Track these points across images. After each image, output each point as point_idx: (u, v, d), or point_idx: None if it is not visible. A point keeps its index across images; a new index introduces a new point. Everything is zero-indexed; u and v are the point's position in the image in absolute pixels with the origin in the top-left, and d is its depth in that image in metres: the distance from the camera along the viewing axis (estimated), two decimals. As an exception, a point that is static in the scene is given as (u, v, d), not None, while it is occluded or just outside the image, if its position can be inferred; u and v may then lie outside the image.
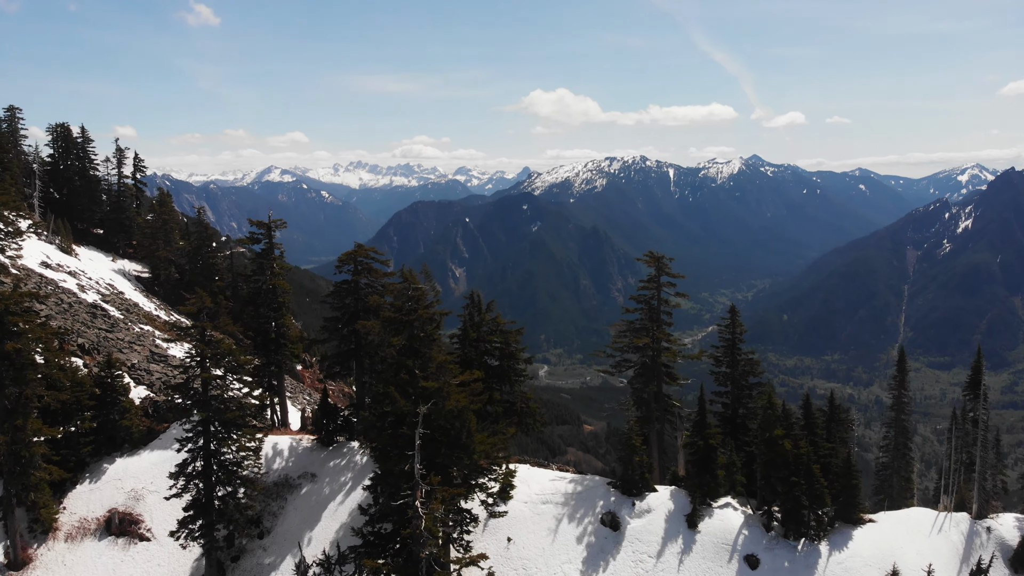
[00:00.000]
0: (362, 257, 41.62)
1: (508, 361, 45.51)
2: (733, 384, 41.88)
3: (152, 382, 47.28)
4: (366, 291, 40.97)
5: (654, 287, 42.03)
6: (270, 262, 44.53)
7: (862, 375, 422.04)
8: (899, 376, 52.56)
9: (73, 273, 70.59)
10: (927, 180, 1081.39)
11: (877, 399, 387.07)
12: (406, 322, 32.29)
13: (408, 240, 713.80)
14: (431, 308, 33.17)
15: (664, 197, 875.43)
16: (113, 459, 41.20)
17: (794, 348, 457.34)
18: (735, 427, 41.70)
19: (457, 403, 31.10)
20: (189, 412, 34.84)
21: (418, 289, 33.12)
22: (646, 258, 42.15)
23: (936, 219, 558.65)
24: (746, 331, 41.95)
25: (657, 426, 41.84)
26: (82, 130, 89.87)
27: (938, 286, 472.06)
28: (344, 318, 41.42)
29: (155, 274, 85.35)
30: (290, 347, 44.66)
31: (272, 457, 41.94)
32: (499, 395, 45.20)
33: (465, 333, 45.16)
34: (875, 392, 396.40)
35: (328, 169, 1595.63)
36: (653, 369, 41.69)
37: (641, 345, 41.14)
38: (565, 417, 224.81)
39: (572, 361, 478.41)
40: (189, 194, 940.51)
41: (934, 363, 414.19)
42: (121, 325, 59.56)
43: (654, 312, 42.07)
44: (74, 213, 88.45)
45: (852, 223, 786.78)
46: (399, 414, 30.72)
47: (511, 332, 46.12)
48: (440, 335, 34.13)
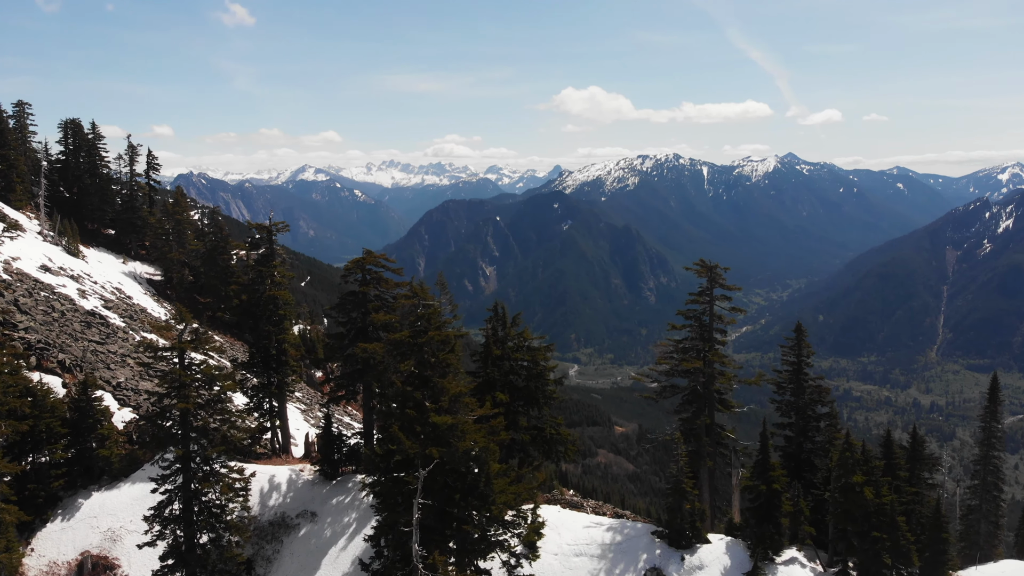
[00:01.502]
0: (371, 264, 36.34)
1: (536, 382, 40.23)
2: (798, 415, 35.84)
3: (140, 403, 42.48)
4: (375, 304, 35.69)
5: (706, 301, 36.09)
6: (270, 270, 39.45)
7: (899, 377, 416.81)
8: (990, 406, 45.99)
9: (76, 277, 66.30)
10: (967, 179, 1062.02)
11: (915, 401, 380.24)
12: (415, 346, 27.09)
13: (439, 239, 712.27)
14: (445, 329, 27.97)
15: (698, 195, 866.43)
16: (89, 493, 36.41)
17: (830, 349, 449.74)
18: (799, 464, 35.83)
19: (474, 444, 25.87)
20: (164, 447, 29.94)
21: (429, 306, 27.94)
22: (696, 267, 36.21)
23: (976, 218, 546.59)
24: (813, 353, 36.01)
25: (710, 463, 35.98)
26: (92, 126, 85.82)
27: (978, 287, 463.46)
28: (350, 335, 36.23)
29: (168, 277, 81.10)
30: (292, 365, 39.62)
31: (268, 492, 36.91)
32: (525, 420, 39.98)
33: (487, 350, 39.93)
34: (912, 395, 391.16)
35: (361, 168, 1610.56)
36: (705, 397, 35.87)
37: (691, 369, 35.29)
38: (595, 418, 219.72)
39: (603, 361, 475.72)
40: (225, 192, 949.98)
41: (973, 365, 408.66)
42: (119, 335, 55.08)
43: (706, 330, 36.07)
44: (84, 213, 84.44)
45: (890, 222, 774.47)
46: (405, 456, 25.63)
47: (539, 349, 40.83)
48: (456, 358, 28.79)
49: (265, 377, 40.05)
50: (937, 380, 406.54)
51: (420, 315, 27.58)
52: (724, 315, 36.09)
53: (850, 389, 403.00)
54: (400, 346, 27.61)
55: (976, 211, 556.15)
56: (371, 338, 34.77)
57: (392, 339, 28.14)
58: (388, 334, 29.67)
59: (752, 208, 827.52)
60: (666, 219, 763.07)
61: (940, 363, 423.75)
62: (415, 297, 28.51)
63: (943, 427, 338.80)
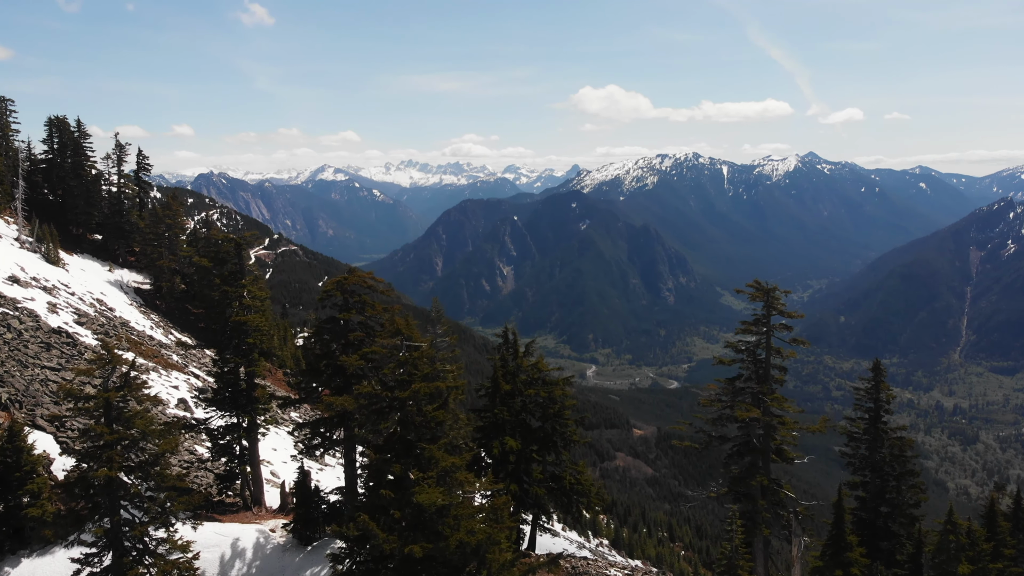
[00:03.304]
0: (354, 285, 29.96)
1: (553, 422, 33.93)
2: (874, 472, 29.16)
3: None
4: (358, 335, 29.20)
5: (762, 331, 29.18)
6: (237, 290, 33.12)
7: (922, 379, 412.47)
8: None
9: (49, 289, 60.42)
10: (990, 178, 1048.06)
11: (938, 404, 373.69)
12: (396, 401, 20.76)
13: (457, 238, 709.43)
14: (435, 378, 21.58)
15: (717, 195, 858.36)
16: (18, 560, 30.20)
17: (851, 351, 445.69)
18: (874, 531, 29.16)
19: (471, 536, 19.54)
20: (82, 525, 23.81)
21: (416, 347, 21.57)
22: (751, 289, 29.00)
23: (1000, 219, 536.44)
24: (893, 397, 29.28)
25: (766, 531, 29.07)
26: (78, 123, 79.99)
27: (1002, 288, 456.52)
28: (327, 371, 29.91)
29: (157, 286, 75.33)
30: (263, 405, 33.32)
31: (230, 560, 30.57)
32: (540, 470, 33.64)
33: (495, 385, 33.63)
34: (935, 397, 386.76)
35: (379, 168, 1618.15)
36: (762, 453, 29.07)
37: (747, 420, 28.43)
38: (614, 420, 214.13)
39: (621, 361, 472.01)
40: (245, 192, 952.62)
41: (997, 368, 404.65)
42: (84, 356, 49.04)
43: (761, 366, 29.35)
44: (70, 217, 78.84)
45: (912, 222, 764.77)
46: (379, 553, 19.40)
47: (556, 383, 34.51)
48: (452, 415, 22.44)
49: (233, 416, 33.79)
50: (960, 382, 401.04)
51: (404, 360, 21.25)
52: (783, 349, 29.31)
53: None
54: (375, 401, 21.24)
55: (1000, 211, 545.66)
56: (348, 380, 28.36)
57: (364, 392, 21.72)
58: (358, 386, 23.15)
59: (772, 208, 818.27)
60: (685, 219, 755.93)
61: (963, 365, 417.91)
62: (398, 335, 22.14)
63: (966, 430, 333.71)
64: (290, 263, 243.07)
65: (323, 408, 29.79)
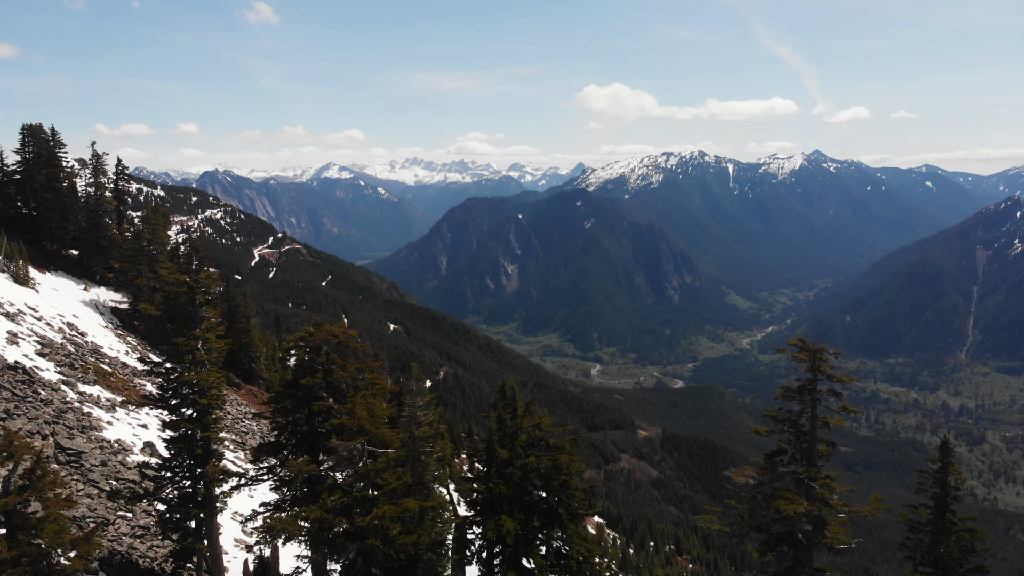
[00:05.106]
0: (321, 341, 25.11)
1: (559, 494, 29.11)
2: (938, 568, 24.16)
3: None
4: (323, 404, 24.27)
5: (807, 399, 23.64)
6: (190, 343, 28.21)
7: (928, 379, 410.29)
8: None
9: (12, 315, 55.52)
10: (996, 177, 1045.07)
11: (944, 404, 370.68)
12: (354, 530, 15.98)
13: (461, 237, 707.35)
14: (408, 492, 16.80)
15: (723, 193, 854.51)
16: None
17: (857, 350, 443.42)
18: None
19: None
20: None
21: (379, 455, 16.76)
22: (795, 348, 23.44)
23: (1007, 218, 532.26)
24: (963, 480, 24.29)
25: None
26: (52, 132, 75.17)
27: (1009, 287, 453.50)
28: (289, 444, 25.14)
29: (135, 305, 70.57)
30: (220, 477, 28.45)
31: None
32: (541, 553, 28.83)
33: (491, 451, 28.79)
34: (941, 397, 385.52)
35: (384, 166, 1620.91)
36: (806, 547, 23.70)
37: (792, 515, 22.80)
38: (618, 421, 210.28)
39: (625, 360, 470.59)
40: (250, 190, 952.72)
41: (1003, 368, 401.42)
42: (40, 396, 44.32)
43: (805, 440, 23.92)
44: (43, 232, 74.16)
45: (918, 221, 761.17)
46: None
47: (562, 447, 29.67)
48: (428, 532, 17.59)
49: (187, 485, 29.04)
50: (966, 382, 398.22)
51: (365, 471, 16.45)
52: (829, 418, 24.11)
53: (877, 391, 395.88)
54: (325, 528, 16.43)
55: (1007, 210, 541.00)
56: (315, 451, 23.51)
57: (315, 518, 16.85)
58: (304, 508, 18.21)
59: (778, 206, 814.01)
60: (691, 217, 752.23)
61: (969, 365, 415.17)
62: (362, 433, 17.33)
63: (973, 431, 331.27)
64: (294, 262, 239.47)
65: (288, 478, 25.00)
